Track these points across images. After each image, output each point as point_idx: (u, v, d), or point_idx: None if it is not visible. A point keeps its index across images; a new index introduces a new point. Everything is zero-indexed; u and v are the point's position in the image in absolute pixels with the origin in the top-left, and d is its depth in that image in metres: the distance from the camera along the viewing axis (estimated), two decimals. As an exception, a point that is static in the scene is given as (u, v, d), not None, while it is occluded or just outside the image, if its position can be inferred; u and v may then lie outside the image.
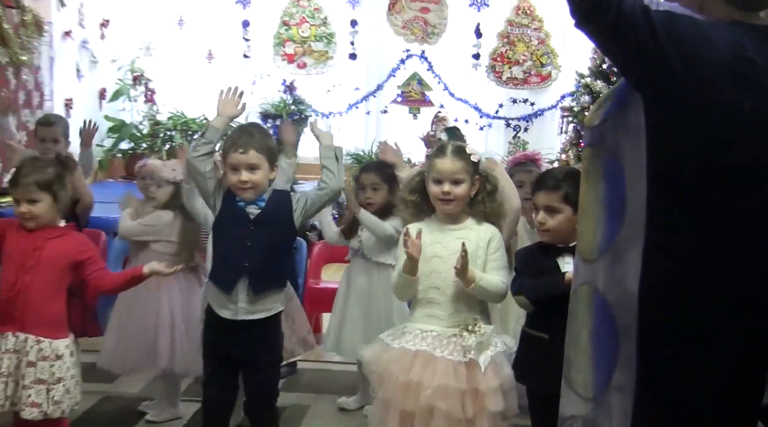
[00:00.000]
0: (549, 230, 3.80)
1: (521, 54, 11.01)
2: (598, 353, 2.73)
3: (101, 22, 10.45)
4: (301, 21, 11.18)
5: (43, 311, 3.96)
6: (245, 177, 4.06)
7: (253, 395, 4.26)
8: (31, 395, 3.88)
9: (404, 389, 3.75)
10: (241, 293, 4.09)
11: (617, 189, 2.62)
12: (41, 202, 4.00)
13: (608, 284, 2.65)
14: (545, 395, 3.77)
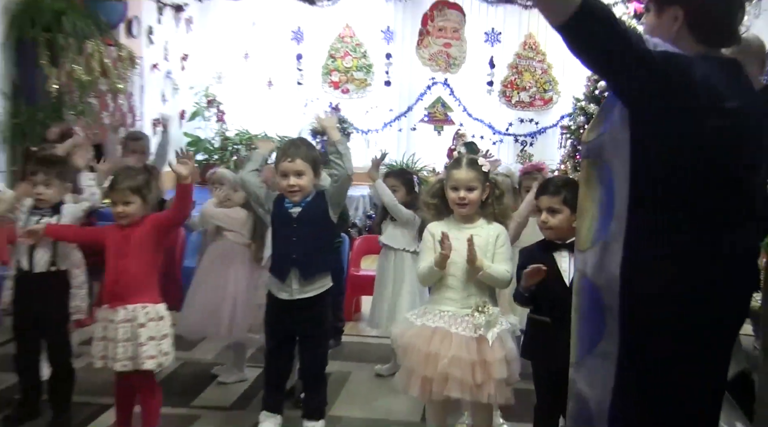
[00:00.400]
0: (551, 228, 3.83)
1: (527, 82, 11.00)
2: (582, 327, 2.76)
3: (182, 56, 10.50)
4: (345, 54, 11.21)
5: (142, 285, 4.06)
6: (293, 182, 4.12)
7: (306, 363, 4.31)
8: (147, 350, 3.99)
9: (425, 359, 3.79)
10: (293, 279, 4.15)
11: (609, 192, 2.63)
12: (133, 203, 4.08)
13: (597, 271, 2.66)
14: (548, 370, 3.83)
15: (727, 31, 2.64)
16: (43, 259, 4.41)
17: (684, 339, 2.55)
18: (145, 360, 4.00)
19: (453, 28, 10.95)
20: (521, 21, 10.92)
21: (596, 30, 2.43)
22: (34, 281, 4.42)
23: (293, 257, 4.15)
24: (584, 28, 2.43)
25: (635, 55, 2.45)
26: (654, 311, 2.54)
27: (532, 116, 11.04)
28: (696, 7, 2.58)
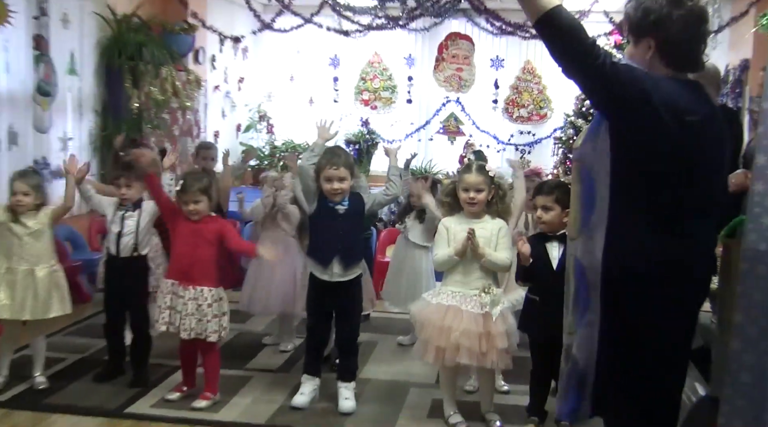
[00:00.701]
0: (545, 222, 3.88)
1: (526, 100, 10.94)
2: (576, 301, 2.79)
3: (239, 79, 10.53)
4: (374, 77, 11.21)
5: (208, 271, 4.17)
6: (337, 186, 4.14)
7: (342, 334, 4.34)
8: (212, 326, 4.12)
9: (439, 331, 3.85)
10: (335, 265, 4.17)
11: (590, 190, 2.66)
12: (202, 202, 4.15)
13: (584, 254, 2.70)
14: (539, 340, 3.89)
15: (691, 58, 2.65)
16: (128, 246, 4.49)
17: (652, 311, 2.57)
18: (210, 334, 4.10)
19: (464, 56, 10.93)
20: (521, 50, 10.86)
21: (564, 30, 2.47)
22: (120, 264, 4.50)
23: (338, 247, 4.17)
24: (553, 28, 2.47)
25: (600, 62, 2.47)
26: (630, 287, 2.57)
27: (530, 129, 10.98)
28: (664, 39, 2.59)
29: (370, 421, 4.12)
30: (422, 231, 5.18)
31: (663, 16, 2.57)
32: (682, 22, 2.57)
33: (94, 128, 7.23)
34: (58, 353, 4.90)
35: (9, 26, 5.92)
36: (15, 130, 6.14)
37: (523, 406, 4.13)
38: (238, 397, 4.36)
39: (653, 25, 2.59)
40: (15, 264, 4.26)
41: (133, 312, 4.58)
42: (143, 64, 7.32)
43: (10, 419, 4.01)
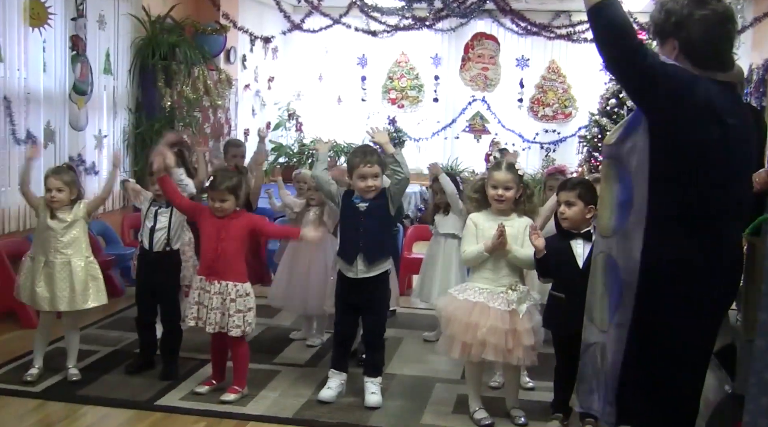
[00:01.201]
0: (567, 218, 3.81)
1: (551, 99, 10.86)
2: (608, 300, 2.72)
3: (268, 78, 10.54)
4: (401, 76, 11.17)
5: (234, 266, 4.11)
6: (371, 183, 4.09)
7: (368, 329, 4.29)
8: (235, 321, 4.06)
9: (465, 327, 3.79)
10: (359, 262, 4.13)
11: (627, 189, 2.60)
12: (228, 201, 4.11)
13: (619, 253, 2.63)
14: (563, 336, 3.82)
15: (717, 58, 2.60)
16: (161, 240, 4.48)
17: (685, 313, 2.53)
18: (232, 328, 4.06)
19: (490, 55, 10.85)
20: (546, 50, 10.79)
21: (614, 22, 2.43)
22: (153, 258, 4.48)
23: (360, 244, 4.12)
24: (606, 18, 2.44)
25: (647, 61, 2.43)
26: (667, 286, 2.52)
27: (555, 127, 10.89)
28: (686, 39, 2.56)
29: (395, 416, 4.07)
30: (450, 221, 5.11)
31: (684, 17, 2.55)
32: (704, 22, 2.54)
33: (127, 126, 7.24)
34: (90, 346, 4.90)
35: (48, 27, 5.94)
36: (52, 127, 6.16)
37: (548, 402, 4.07)
38: (265, 391, 4.32)
39: (675, 26, 2.57)
40: (52, 257, 4.26)
41: (165, 306, 4.56)
42: (176, 63, 7.32)
43: (43, 410, 4.01)
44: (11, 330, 5.24)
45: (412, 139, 10.83)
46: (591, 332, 2.82)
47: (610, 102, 8.52)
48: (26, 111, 5.83)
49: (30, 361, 4.42)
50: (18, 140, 5.71)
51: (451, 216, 5.12)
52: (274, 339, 5.28)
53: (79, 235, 4.35)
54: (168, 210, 4.49)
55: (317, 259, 4.88)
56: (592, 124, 8.94)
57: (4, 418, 3.87)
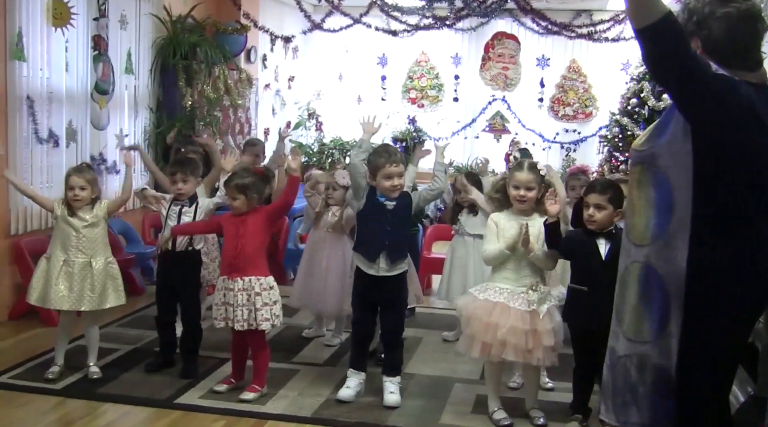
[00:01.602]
0: (596, 221, 3.77)
1: (571, 98, 10.78)
2: (650, 310, 2.64)
3: (289, 77, 10.54)
4: (421, 76, 11.13)
5: (255, 260, 4.12)
6: (397, 182, 4.08)
7: (387, 328, 4.27)
8: (263, 314, 4.06)
9: (486, 327, 3.77)
10: (382, 260, 4.11)
11: (666, 195, 2.53)
12: (238, 199, 4.12)
13: (660, 262, 2.55)
14: (582, 330, 3.80)
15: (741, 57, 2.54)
16: (183, 240, 4.49)
17: (733, 314, 2.50)
18: (261, 322, 4.06)
19: (510, 55, 10.80)
20: (566, 49, 10.72)
21: (671, 41, 2.35)
22: (174, 258, 4.49)
23: (386, 242, 4.11)
24: (661, 37, 2.35)
25: (701, 74, 2.38)
26: (716, 291, 2.47)
27: (575, 127, 10.82)
28: (707, 38, 2.52)
29: (414, 415, 4.05)
30: (479, 221, 5.06)
31: (705, 16, 2.51)
32: (726, 19, 2.49)
33: (148, 125, 7.27)
34: (111, 344, 4.92)
35: (70, 27, 5.98)
36: (74, 127, 6.19)
37: (567, 403, 4.04)
38: (284, 390, 4.32)
39: (697, 25, 2.53)
40: (72, 257, 4.27)
41: (185, 305, 4.57)
42: (197, 63, 7.34)
43: (64, 407, 4.03)
44: (33, 328, 5.27)
45: (432, 138, 10.78)
46: (621, 343, 2.72)
47: (631, 101, 8.45)
48: (48, 110, 5.87)
49: (51, 359, 4.45)
50: (40, 139, 5.75)
51: (479, 216, 5.08)
52: (293, 338, 5.27)
53: (100, 234, 4.37)
54: (192, 209, 4.51)
55: (335, 258, 4.87)
56: (612, 124, 8.87)
57: (26, 415, 3.89)
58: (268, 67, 9.79)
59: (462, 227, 5.19)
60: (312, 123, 10.96)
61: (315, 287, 4.93)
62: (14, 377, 4.37)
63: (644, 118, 8.21)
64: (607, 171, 8.53)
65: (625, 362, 2.70)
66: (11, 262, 5.52)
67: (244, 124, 8.25)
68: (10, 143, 5.46)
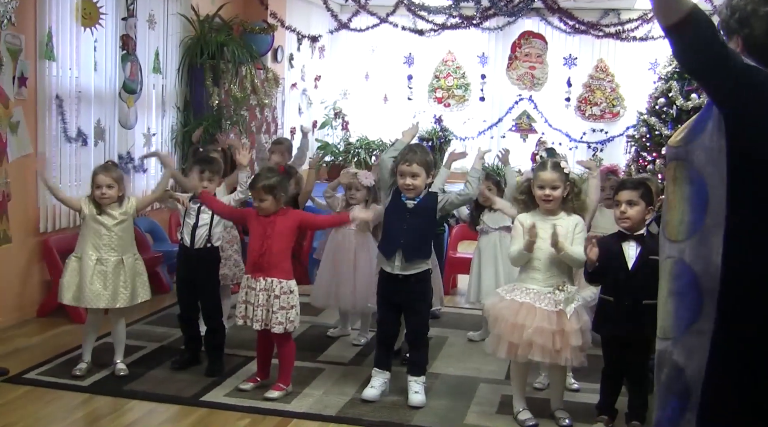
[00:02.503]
0: (629, 218, 3.74)
1: (599, 98, 10.70)
2: (677, 306, 2.62)
3: (315, 77, 10.55)
4: (447, 75, 11.11)
5: (279, 263, 4.11)
6: (409, 182, 4.07)
7: (411, 328, 4.26)
8: (278, 317, 4.05)
9: (512, 327, 3.74)
10: (397, 258, 4.10)
11: (701, 192, 2.48)
12: (266, 201, 4.10)
13: (695, 258, 2.49)
14: (612, 340, 3.76)
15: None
16: (202, 237, 4.50)
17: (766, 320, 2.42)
18: (274, 325, 4.05)
19: (537, 54, 10.73)
20: (594, 48, 10.66)
21: (700, 36, 2.29)
22: (193, 255, 4.50)
23: (401, 241, 4.09)
24: (690, 33, 2.28)
25: (733, 64, 2.32)
26: (751, 292, 2.40)
27: (603, 127, 10.74)
28: (748, 36, 2.45)
29: (439, 415, 4.02)
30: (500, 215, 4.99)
31: (748, 14, 2.44)
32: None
33: (175, 124, 7.31)
34: (137, 342, 4.94)
35: (99, 27, 6.02)
36: (102, 126, 6.24)
37: (593, 404, 3.99)
38: (309, 388, 4.31)
39: (738, 23, 2.46)
40: (105, 255, 4.30)
41: (205, 302, 4.59)
42: (224, 62, 7.36)
43: (91, 404, 4.05)
44: (61, 325, 5.31)
45: (458, 138, 10.76)
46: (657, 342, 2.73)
47: (659, 101, 8.34)
48: (77, 109, 5.91)
49: (79, 356, 4.48)
50: (69, 138, 5.79)
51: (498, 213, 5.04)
52: (318, 337, 5.27)
53: (129, 231, 4.41)
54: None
55: (363, 257, 4.86)
56: (640, 124, 8.77)
57: (54, 411, 3.92)
58: (294, 67, 9.80)
59: (485, 225, 5.17)
60: (338, 122, 10.97)
61: (343, 287, 4.90)
62: (42, 374, 4.40)
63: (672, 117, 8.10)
64: (635, 171, 8.44)
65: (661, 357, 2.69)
66: (40, 260, 5.56)
67: (270, 123, 8.26)
68: (40, 142, 5.51)
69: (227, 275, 5.03)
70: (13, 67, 5.19)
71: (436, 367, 4.72)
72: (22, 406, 3.96)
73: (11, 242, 4.33)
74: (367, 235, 4.90)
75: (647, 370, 3.71)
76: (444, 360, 4.90)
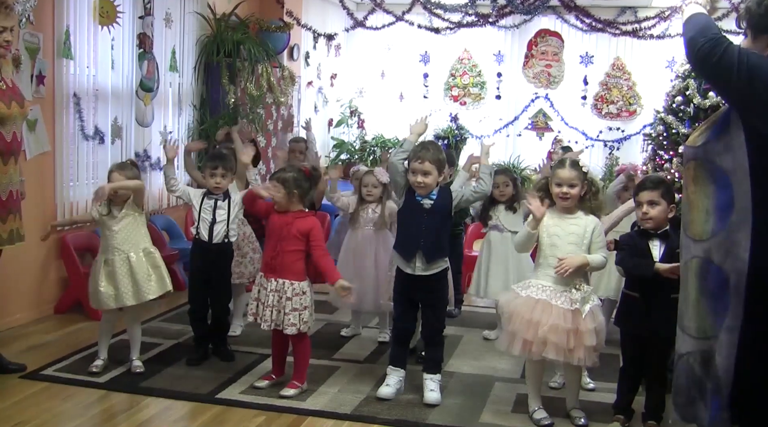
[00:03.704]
0: (651, 218, 3.72)
1: (615, 96, 10.64)
2: (712, 305, 2.59)
3: (331, 75, 10.55)
4: (463, 73, 11.07)
5: (292, 265, 4.10)
6: (420, 180, 4.05)
7: (428, 325, 4.24)
8: (290, 319, 4.05)
9: (527, 324, 3.72)
10: (418, 259, 4.08)
11: (725, 189, 2.50)
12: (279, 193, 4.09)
13: (721, 256, 2.51)
14: (633, 335, 3.76)
15: None
16: (220, 233, 4.53)
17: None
18: (287, 326, 4.06)
19: (553, 52, 10.69)
20: (610, 46, 10.58)
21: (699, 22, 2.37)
22: (211, 249, 4.52)
23: (421, 242, 4.07)
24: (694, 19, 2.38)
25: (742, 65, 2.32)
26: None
27: (619, 125, 10.68)
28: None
29: (454, 414, 4.01)
30: (519, 219, 4.99)
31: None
32: None
33: (192, 122, 7.32)
34: (153, 339, 4.96)
35: (116, 26, 6.03)
36: (119, 124, 6.26)
37: (609, 403, 3.98)
38: (324, 386, 4.31)
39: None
40: (111, 255, 4.30)
41: (218, 294, 4.67)
42: (240, 61, 7.37)
43: (107, 400, 4.07)
44: (78, 322, 5.34)
45: (474, 136, 10.72)
46: (683, 341, 2.70)
47: (676, 99, 8.23)
48: (95, 107, 5.94)
49: (95, 353, 4.50)
50: (86, 136, 5.81)
51: (519, 213, 5.02)
52: (333, 335, 5.27)
53: (132, 228, 4.35)
54: (225, 203, 4.56)
55: (382, 256, 4.85)
56: (657, 122, 8.68)
57: (71, 407, 3.94)
58: (310, 65, 9.80)
59: (501, 223, 5.16)
60: (354, 120, 10.95)
61: (365, 287, 4.86)
62: (59, 370, 4.42)
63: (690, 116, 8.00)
64: (651, 170, 8.38)
65: (687, 360, 2.66)
66: (57, 257, 5.59)
67: (286, 121, 8.26)
68: (57, 140, 5.54)
69: (243, 272, 5.04)
70: (31, 66, 5.22)
71: (451, 365, 4.71)
72: (40, 402, 3.97)
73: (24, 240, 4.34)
74: (386, 232, 4.89)
75: (666, 369, 3.68)
76: (459, 359, 4.88)
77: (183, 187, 4.70)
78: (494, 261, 5.15)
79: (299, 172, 4.20)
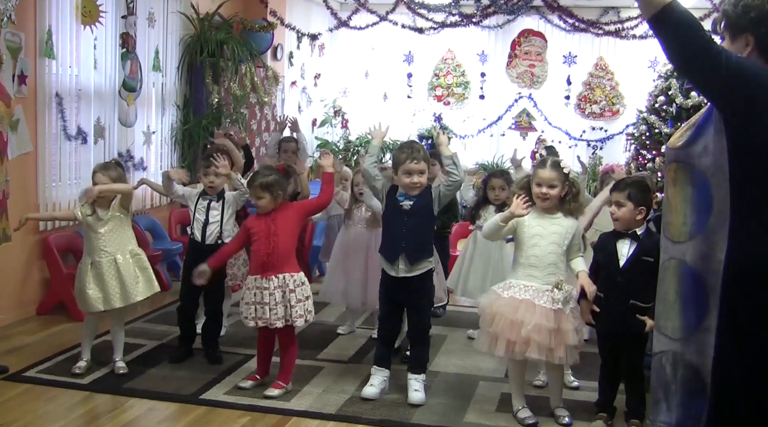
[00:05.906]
0: (618, 219, 3.76)
1: (598, 96, 10.69)
2: (685, 307, 2.61)
3: (315, 75, 10.54)
4: (447, 73, 11.08)
5: (287, 257, 4.13)
6: (416, 180, 4.05)
7: (413, 325, 4.26)
8: (297, 310, 4.08)
9: (511, 324, 3.74)
10: (401, 261, 4.09)
11: (704, 192, 2.51)
12: (264, 198, 4.10)
13: (698, 258, 2.53)
14: (604, 333, 3.83)
15: None
16: (213, 234, 4.55)
17: None
18: (296, 319, 4.08)
19: (537, 52, 10.72)
20: (593, 46, 10.63)
21: (681, 28, 2.29)
22: (204, 250, 4.50)
23: (402, 245, 4.08)
24: (670, 25, 2.29)
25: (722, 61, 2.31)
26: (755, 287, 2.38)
27: (602, 125, 10.73)
28: (762, 35, 2.43)
29: (438, 413, 4.02)
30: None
31: (765, 13, 2.42)
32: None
33: (175, 122, 7.31)
34: (137, 340, 4.94)
35: (99, 25, 6.01)
36: (102, 124, 6.23)
37: (592, 402, 4.01)
38: (309, 386, 4.31)
39: (753, 21, 2.44)
40: (98, 257, 4.28)
41: (211, 295, 4.66)
42: (224, 60, 7.36)
43: (91, 402, 4.05)
44: (60, 323, 5.32)
45: (458, 136, 10.75)
46: (658, 340, 2.71)
47: (658, 99, 8.31)
48: (77, 107, 5.91)
49: (78, 354, 4.48)
50: (69, 136, 5.79)
51: None
52: (318, 335, 5.27)
53: (119, 230, 4.34)
54: (219, 204, 4.56)
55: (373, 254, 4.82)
56: (640, 122, 8.76)
57: (54, 409, 3.92)
58: (294, 65, 9.79)
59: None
60: (338, 120, 10.95)
61: (355, 285, 4.90)
62: (42, 372, 4.40)
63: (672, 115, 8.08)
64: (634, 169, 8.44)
65: (660, 358, 2.68)
66: (40, 258, 5.56)
67: (270, 121, 8.26)
68: (39, 140, 5.51)
69: (236, 274, 5.01)
70: (13, 65, 5.19)
71: (435, 365, 4.72)
72: (22, 404, 3.96)
73: (11, 240, 4.32)
74: (378, 231, 4.89)
75: (642, 367, 3.71)
76: (444, 358, 4.90)
77: (182, 188, 4.69)
78: (476, 260, 5.16)
79: (278, 173, 4.23)
